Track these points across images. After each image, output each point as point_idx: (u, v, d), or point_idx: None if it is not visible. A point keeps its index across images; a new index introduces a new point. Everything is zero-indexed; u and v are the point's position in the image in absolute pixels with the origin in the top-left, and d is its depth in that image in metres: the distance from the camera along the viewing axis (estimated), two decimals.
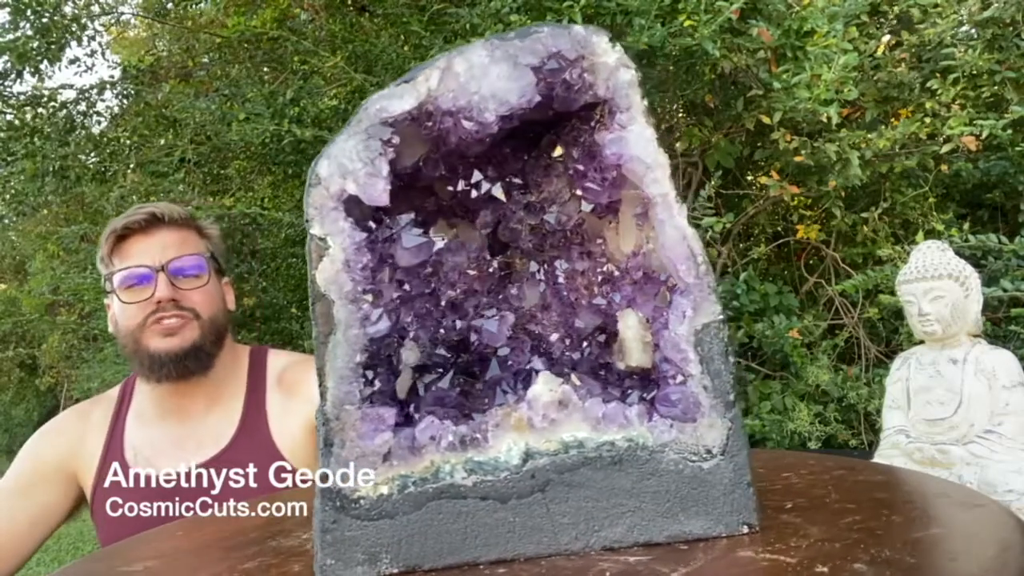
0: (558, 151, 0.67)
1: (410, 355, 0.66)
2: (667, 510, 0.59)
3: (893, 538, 0.55)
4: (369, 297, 0.60)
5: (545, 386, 0.61)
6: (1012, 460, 1.83)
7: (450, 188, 0.69)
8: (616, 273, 0.66)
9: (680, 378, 0.60)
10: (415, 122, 0.61)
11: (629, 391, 0.63)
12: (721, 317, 0.60)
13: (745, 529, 0.59)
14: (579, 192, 0.66)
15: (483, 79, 0.59)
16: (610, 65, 0.60)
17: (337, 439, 0.59)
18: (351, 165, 0.59)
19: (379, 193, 0.60)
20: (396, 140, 0.60)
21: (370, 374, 0.60)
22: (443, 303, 0.69)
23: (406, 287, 0.67)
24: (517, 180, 0.69)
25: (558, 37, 0.60)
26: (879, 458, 2.01)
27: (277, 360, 1.47)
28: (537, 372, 0.64)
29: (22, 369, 8.23)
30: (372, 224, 0.65)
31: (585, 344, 0.67)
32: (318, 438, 0.59)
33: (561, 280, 0.68)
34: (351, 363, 0.59)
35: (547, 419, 0.60)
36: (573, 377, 0.63)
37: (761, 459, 0.86)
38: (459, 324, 0.69)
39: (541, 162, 0.68)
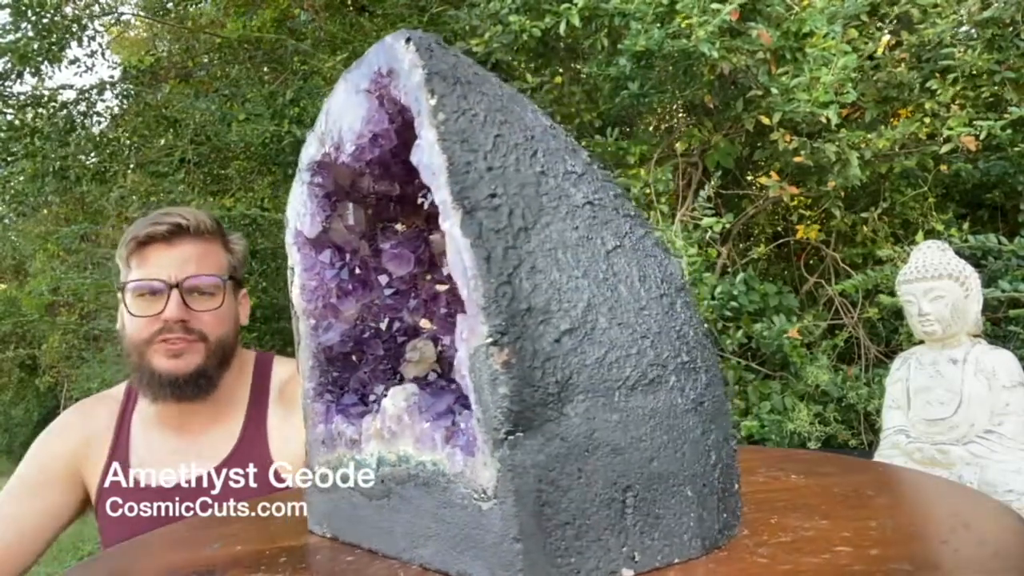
0: None
1: (414, 354, 0.72)
2: (456, 544, 0.55)
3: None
4: (317, 313, 0.71)
5: (391, 399, 0.62)
6: (1012, 460, 1.83)
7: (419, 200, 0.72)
8: None
9: (464, 403, 0.55)
10: (333, 160, 0.67)
11: (461, 412, 0.60)
12: (489, 340, 0.50)
13: None
14: None
15: (343, 114, 0.63)
16: (406, 69, 0.55)
17: (306, 424, 0.72)
18: (296, 207, 0.71)
19: (309, 227, 0.70)
20: (319, 180, 0.69)
21: (330, 376, 0.71)
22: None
23: (412, 294, 0.73)
24: None
25: (378, 54, 0.58)
26: (879, 458, 2.01)
27: (281, 370, 1.44)
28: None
29: (22, 369, 8.24)
30: (362, 244, 0.73)
31: None
32: None
33: None
34: (307, 366, 0.71)
35: (390, 431, 0.61)
36: (422, 391, 0.62)
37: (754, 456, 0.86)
38: None
39: None
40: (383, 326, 0.73)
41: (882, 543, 0.57)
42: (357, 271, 0.72)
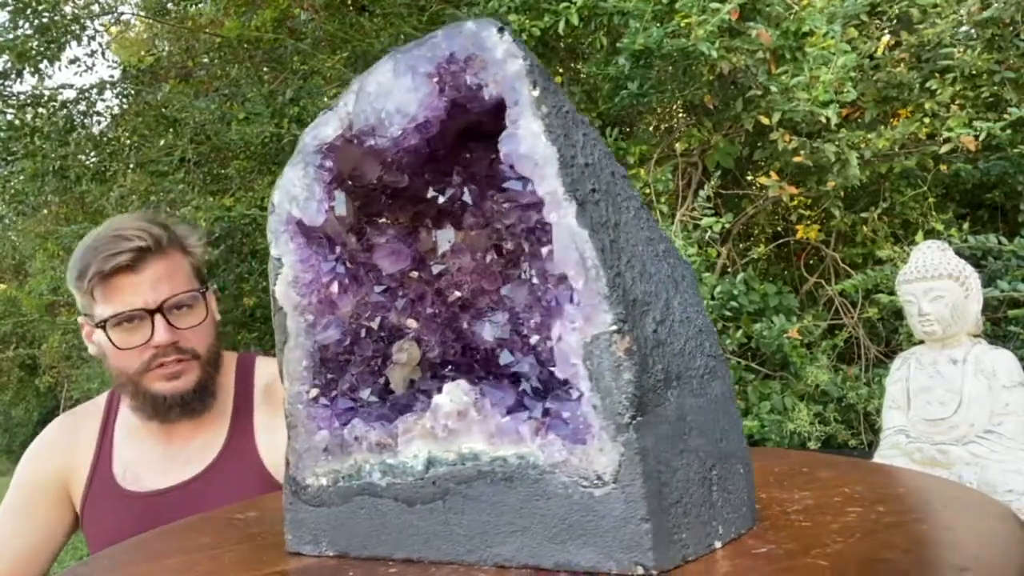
0: None
1: (402, 355, 0.69)
2: (555, 535, 0.55)
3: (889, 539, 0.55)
4: (313, 308, 0.66)
5: (447, 395, 0.60)
6: (1012, 460, 1.83)
7: (430, 194, 0.69)
8: None
9: (575, 394, 0.55)
10: (350, 143, 0.62)
11: (536, 405, 0.60)
12: (613, 328, 0.53)
13: (639, 570, 0.53)
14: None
15: (389, 95, 0.60)
16: (498, 59, 0.56)
17: (292, 432, 0.66)
18: (294, 191, 0.65)
19: (314, 215, 0.64)
20: (329, 164, 0.64)
21: (324, 377, 0.66)
22: (451, 304, 0.70)
23: (400, 292, 0.69)
24: (492, 180, 0.68)
25: (451, 38, 0.57)
26: (879, 458, 2.01)
27: (265, 370, 1.41)
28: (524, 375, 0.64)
29: (22, 369, 8.23)
30: (349, 237, 0.68)
31: None
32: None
33: (535, 280, 0.65)
34: (299, 367, 0.65)
35: (447, 429, 0.60)
36: (484, 386, 0.61)
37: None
38: (470, 324, 0.69)
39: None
40: (375, 325, 0.69)
41: (879, 502, 0.62)
42: (348, 265, 0.68)
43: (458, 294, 0.70)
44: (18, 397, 9.17)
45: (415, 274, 0.71)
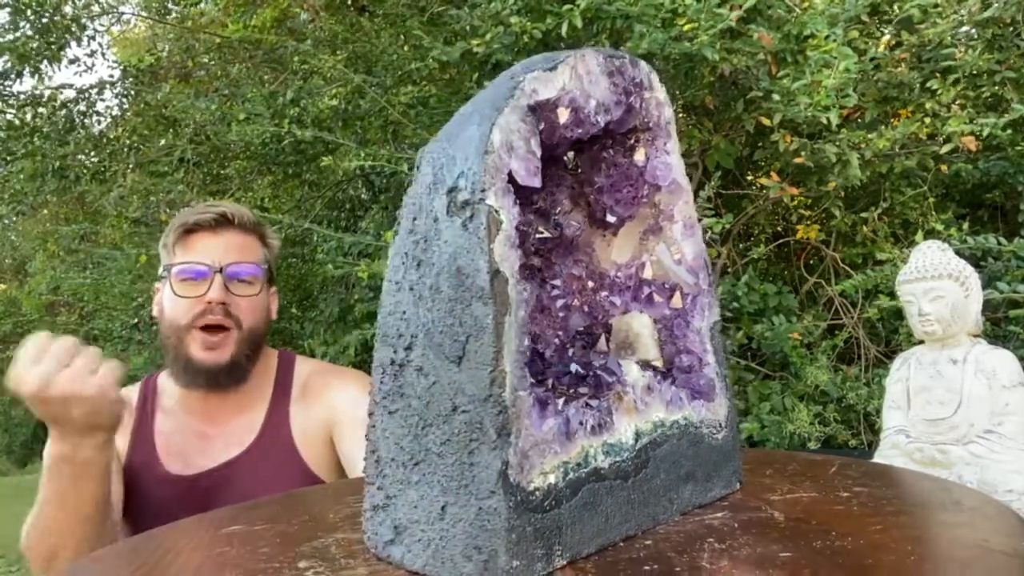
0: (574, 165, 0.73)
1: None
2: (707, 475, 0.70)
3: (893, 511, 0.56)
4: (525, 276, 0.62)
5: (639, 373, 0.66)
6: (1012, 460, 1.83)
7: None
8: (609, 280, 0.74)
9: (699, 366, 0.71)
10: (534, 111, 0.58)
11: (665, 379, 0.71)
12: (720, 317, 0.72)
13: (738, 485, 0.73)
14: (607, 205, 0.72)
15: (596, 86, 0.63)
16: (660, 100, 0.69)
17: (514, 428, 0.52)
18: (514, 141, 0.55)
19: (532, 173, 0.55)
20: (542, 125, 0.58)
21: (540, 357, 0.68)
22: None
23: None
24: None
25: (635, 66, 0.67)
26: (879, 458, 2.01)
27: (303, 368, 1.50)
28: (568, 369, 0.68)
29: None
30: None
31: (568, 345, 0.73)
32: (485, 429, 0.52)
33: (558, 283, 0.73)
34: (521, 346, 0.53)
35: (643, 402, 0.65)
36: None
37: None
38: None
39: (552, 172, 0.71)
40: None
41: (879, 502, 0.66)
42: None
43: None
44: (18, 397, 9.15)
45: None
